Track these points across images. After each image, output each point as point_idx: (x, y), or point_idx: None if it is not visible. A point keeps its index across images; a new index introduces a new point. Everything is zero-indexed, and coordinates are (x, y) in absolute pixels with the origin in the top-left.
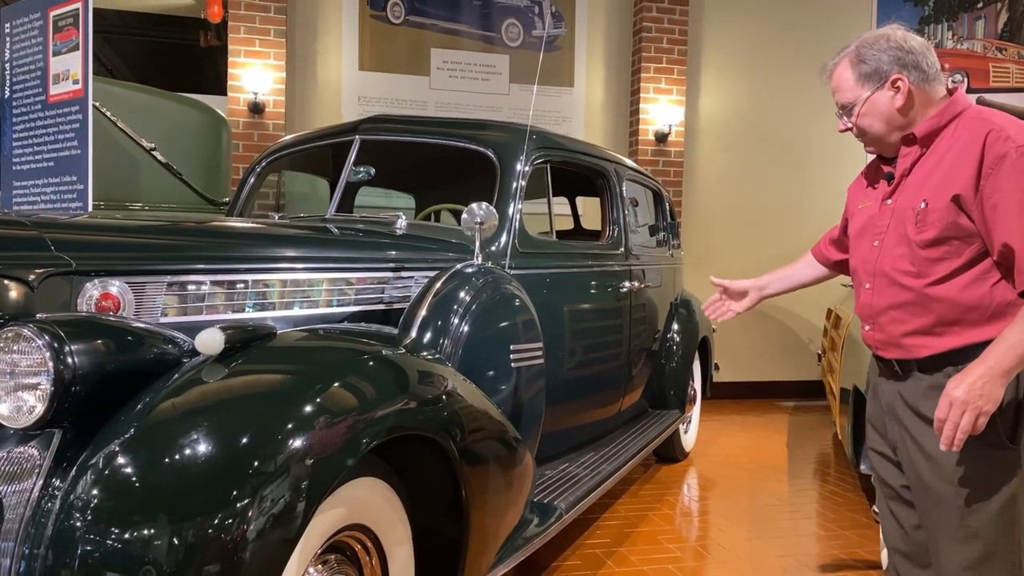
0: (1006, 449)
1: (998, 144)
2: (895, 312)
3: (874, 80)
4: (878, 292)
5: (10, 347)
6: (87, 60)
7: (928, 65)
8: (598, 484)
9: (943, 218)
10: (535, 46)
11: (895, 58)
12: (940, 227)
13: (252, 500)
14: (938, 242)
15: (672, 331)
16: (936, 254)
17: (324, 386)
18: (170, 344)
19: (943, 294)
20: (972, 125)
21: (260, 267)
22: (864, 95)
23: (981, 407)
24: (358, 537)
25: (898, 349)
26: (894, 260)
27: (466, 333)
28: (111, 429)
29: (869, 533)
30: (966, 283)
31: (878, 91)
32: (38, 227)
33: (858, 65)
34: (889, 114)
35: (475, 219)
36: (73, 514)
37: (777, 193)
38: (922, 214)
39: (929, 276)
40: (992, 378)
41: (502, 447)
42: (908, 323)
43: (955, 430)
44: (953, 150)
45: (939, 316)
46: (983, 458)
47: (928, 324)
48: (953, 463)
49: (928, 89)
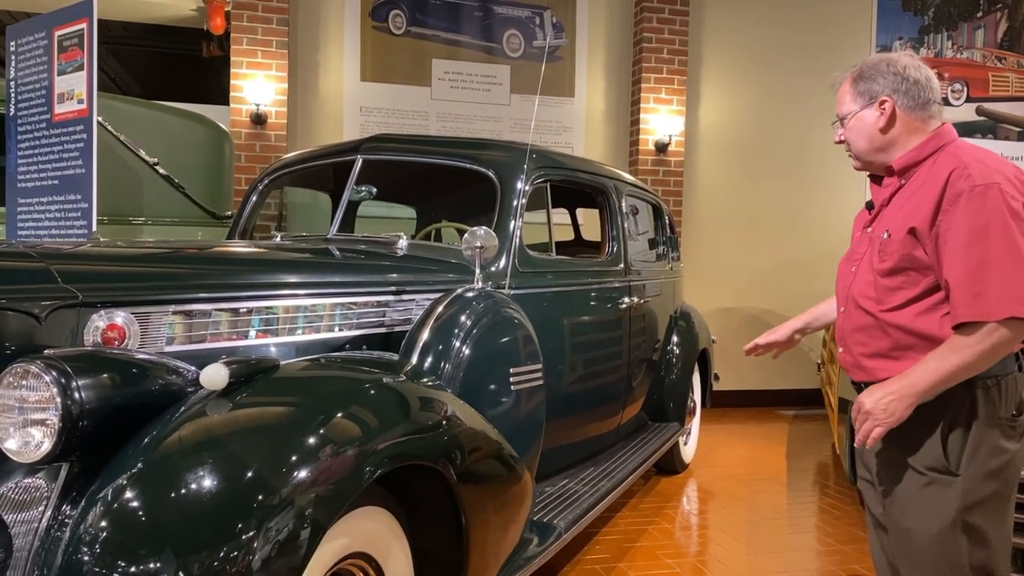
0: (949, 475)
1: (959, 182)
2: (858, 335)
3: (865, 98)
4: (848, 316)
5: (19, 383)
6: (92, 80)
7: (921, 96)
8: (597, 501)
9: (900, 249)
10: (536, 57)
11: (890, 82)
12: (897, 258)
13: (257, 533)
14: (895, 272)
15: (672, 344)
16: (894, 283)
17: (327, 418)
18: (175, 375)
19: (897, 321)
20: (946, 161)
21: (264, 294)
22: (855, 110)
23: (882, 420)
24: (360, 565)
25: (862, 371)
26: (861, 286)
27: (467, 357)
28: (119, 463)
29: (866, 548)
30: (918, 312)
31: (867, 108)
32: (45, 259)
33: (857, 81)
34: (871, 133)
35: (475, 243)
36: (82, 547)
37: (776, 203)
38: (883, 244)
39: (886, 303)
40: (902, 396)
41: (501, 469)
42: (869, 345)
43: (863, 436)
44: (925, 185)
45: (895, 341)
46: (925, 482)
47: (886, 348)
48: (895, 484)
49: (914, 117)
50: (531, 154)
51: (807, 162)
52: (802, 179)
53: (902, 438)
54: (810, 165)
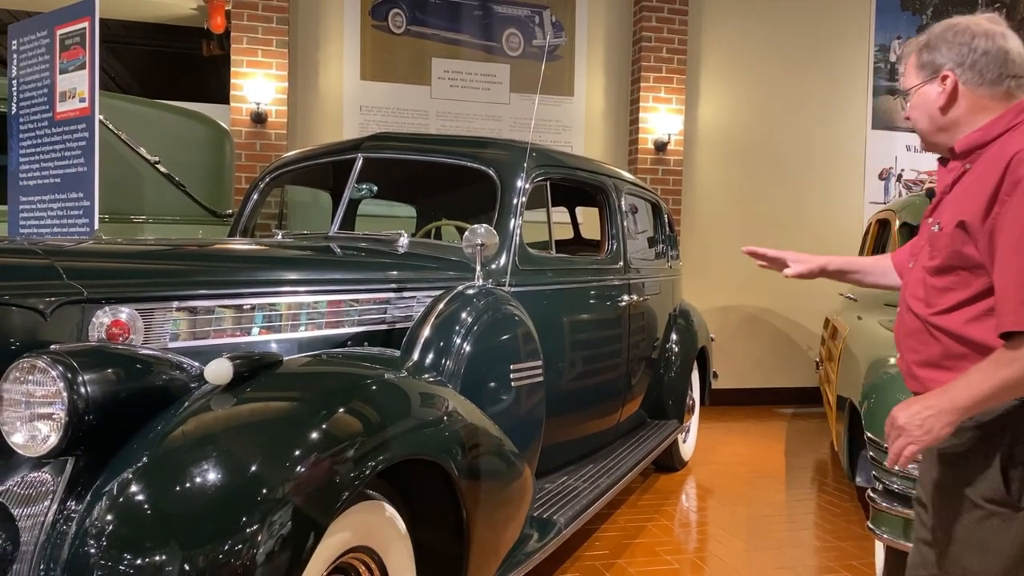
0: (1011, 509)
1: (1020, 168)
2: (910, 340)
3: (927, 70)
4: (901, 318)
5: (26, 377)
6: (94, 79)
7: (991, 70)
8: (597, 498)
9: (949, 245)
10: (535, 56)
11: (954, 54)
12: (946, 254)
13: (262, 526)
14: (944, 270)
15: (671, 342)
16: (942, 283)
17: (330, 413)
18: (178, 370)
19: (946, 325)
20: (1012, 142)
21: (267, 291)
22: (916, 83)
23: (917, 437)
24: (362, 558)
25: (915, 381)
26: (912, 286)
27: (468, 354)
28: (125, 457)
29: (865, 544)
30: (969, 317)
31: (929, 83)
32: (50, 255)
33: (922, 52)
34: (932, 111)
35: (476, 240)
36: (88, 540)
37: (775, 201)
38: (933, 238)
39: (934, 306)
40: (940, 413)
41: (502, 465)
42: (920, 352)
43: (895, 453)
44: (986, 170)
45: (946, 348)
46: (983, 516)
47: (936, 356)
48: (950, 516)
49: (982, 95)
50: (531, 152)
51: (805, 161)
52: (800, 178)
53: (956, 463)
54: (808, 164)
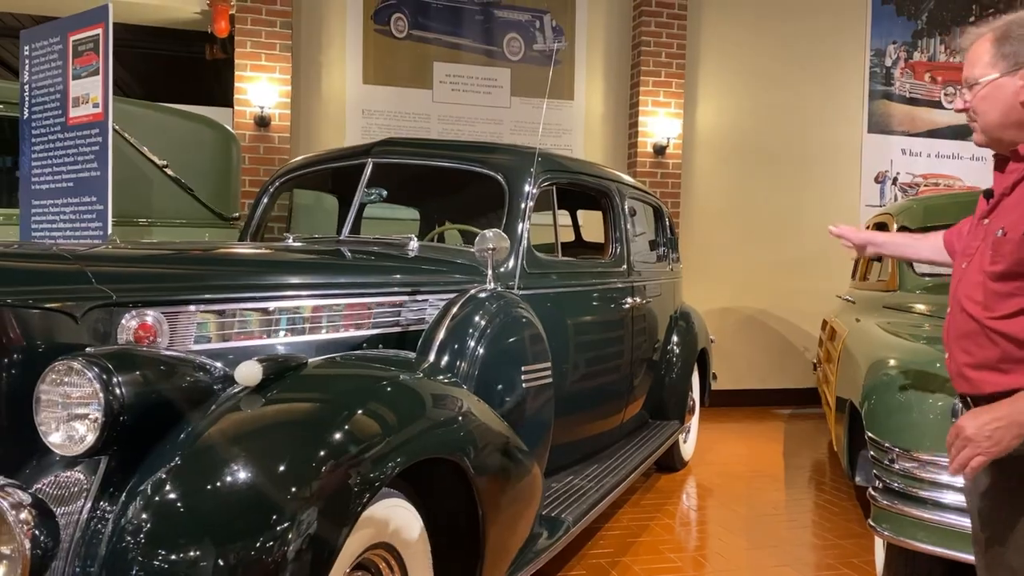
0: None
1: None
2: (963, 342)
3: (1009, 63)
4: (953, 319)
5: (62, 379)
6: (107, 85)
7: None
8: (602, 497)
9: (1016, 251)
10: (536, 60)
11: None
12: (1011, 261)
13: (292, 523)
14: (1008, 276)
15: (672, 344)
16: (1005, 288)
17: (354, 414)
18: (202, 372)
19: (1007, 330)
20: None
21: (287, 294)
22: (992, 75)
23: (985, 449)
24: (382, 555)
25: (965, 382)
26: (968, 288)
27: (481, 356)
28: (159, 456)
29: (864, 543)
30: None
31: (1008, 76)
32: (79, 260)
33: (1001, 42)
34: (1009, 105)
35: (487, 245)
36: (125, 537)
37: (774, 204)
38: (996, 243)
39: (995, 310)
40: (1011, 424)
41: (514, 464)
42: (974, 355)
43: (960, 464)
44: None
45: (1004, 352)
46: None
47: (993, 359)
48: (1011, 534)
49: None
50: (538, 158)
51: (803, 164)
52: (798, 181)
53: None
54: (805, 167)
